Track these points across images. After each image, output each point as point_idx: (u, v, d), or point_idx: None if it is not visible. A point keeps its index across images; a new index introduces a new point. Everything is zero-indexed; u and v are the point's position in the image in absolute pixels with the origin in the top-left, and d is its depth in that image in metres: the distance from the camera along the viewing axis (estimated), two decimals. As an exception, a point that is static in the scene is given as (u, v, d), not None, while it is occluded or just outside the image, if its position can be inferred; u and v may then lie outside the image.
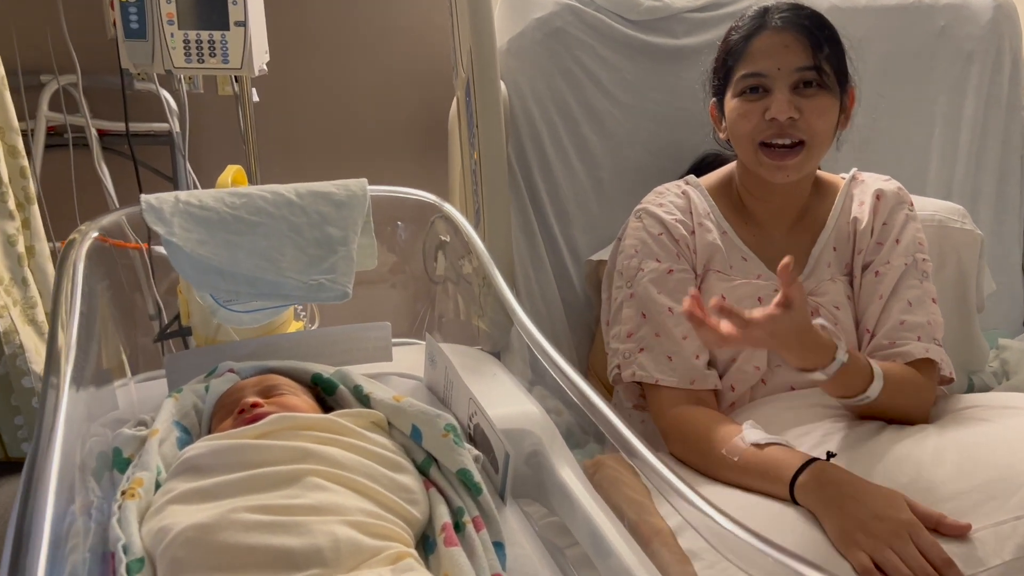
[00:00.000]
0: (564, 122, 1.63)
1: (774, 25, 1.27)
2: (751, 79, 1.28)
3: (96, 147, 2.13)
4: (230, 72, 1.83)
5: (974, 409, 1.26)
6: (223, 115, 2.17)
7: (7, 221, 1.49)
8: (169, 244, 1.05)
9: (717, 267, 1.34)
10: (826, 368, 1.11)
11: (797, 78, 1.25)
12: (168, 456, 0.89)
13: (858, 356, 1.17)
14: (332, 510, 0.78)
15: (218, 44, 1.81)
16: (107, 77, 2.05)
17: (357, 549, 0.75)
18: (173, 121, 2.16)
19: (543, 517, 1.04)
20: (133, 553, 0.75)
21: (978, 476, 1.07)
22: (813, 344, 1.10)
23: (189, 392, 0.98)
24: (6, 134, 1.51)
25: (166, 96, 2.13)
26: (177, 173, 2.22)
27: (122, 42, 1.80)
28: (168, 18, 1.79)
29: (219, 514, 0.75)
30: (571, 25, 1.62)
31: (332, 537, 0.74)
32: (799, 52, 1.25)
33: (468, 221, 1.23)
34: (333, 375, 1.03)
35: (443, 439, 0.93)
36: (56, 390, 0.84)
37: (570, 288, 1.64)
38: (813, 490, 1.03)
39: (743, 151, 1.32)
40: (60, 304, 0.93)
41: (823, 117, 1.26)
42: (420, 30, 2.27)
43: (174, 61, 1.80)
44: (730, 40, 1.33)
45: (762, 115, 1.26)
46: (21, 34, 1.96)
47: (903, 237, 1.32)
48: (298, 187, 1.14)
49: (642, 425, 1.40)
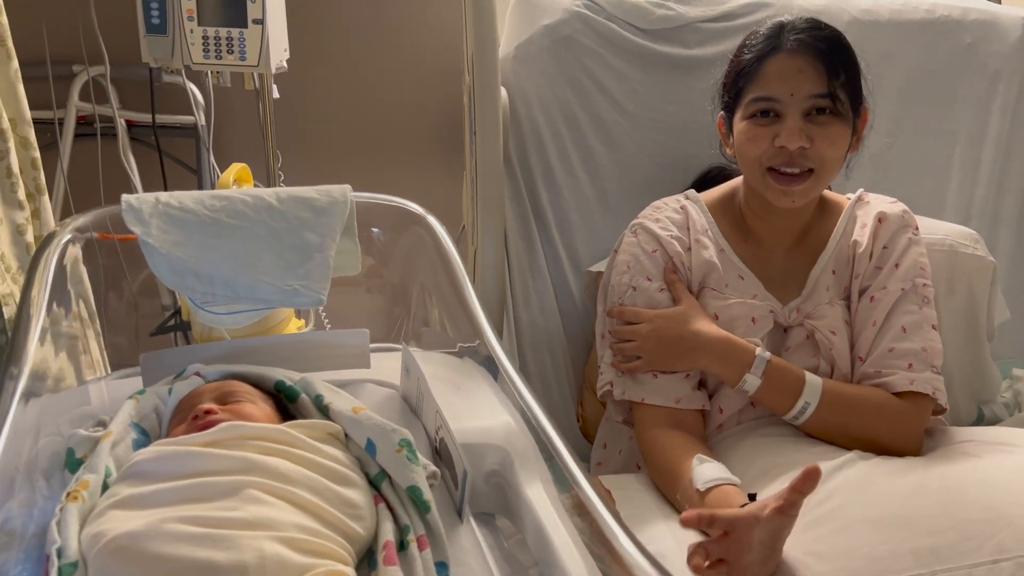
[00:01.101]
0: (570, 131, 1.62)
1: (789, 47, 1.23)
2: (762, 103, 1.24)
3: (123, 137, 2.18)
4: (247, 69, 1.85)
5: (967, 444, 1.23)
6: (249, 109, 2.20)
7: (16, 211, 1.52)
8: (145, 245, 1.06)
9: (712, 285, 1.31)
10: (752, 368, 1.20)
11: (810, 105, 1.22)
12: (121, 458, 0.89)
13: (784, 363, 1.23)
14: (265, 525, 0.77)
15: (236, 41, 1.83)
16: (136, 69, 2.09)
17: (283, 566, 0.74)
18: (199, 114, 2.20)
19: (514, 535, 1.04)
20: (67, 557, 0.76)
21: (958, 515, 1.04)
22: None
23: (151, 394, 0.99)
24: (18, 126, 1.54)
25: (193, 89, 2.17)
26: (201, 165, 2.25)
27: (143, 37, 1.83)
28: (188, 14, 1.81)
29: (150, 523, 0.76)
30: (580, 33, 1.60)
31: (259, 553, 0.74)
32: (813, 78, 1.21)
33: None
34: (297, 383, 1.03)
35: (396, 455, 0.92)
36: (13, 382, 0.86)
37: (569, 299, 1.62)
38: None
39: (750, 173, 1.29)
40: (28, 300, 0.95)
41: (834, 146, 1.23)
42: (445, 29, 2.27)
43: (192, 57, 1.83)
44: (742, 58, 1.29)
45: (771, 141, 1.23)
46: (52, 25, 2.00)
47: (903, 262, 1.28)
48: (280, 191, 1.15)
49: (630, 441, 1.39)
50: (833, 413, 1.21)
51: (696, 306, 1.28)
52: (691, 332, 1.25)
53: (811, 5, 1.70)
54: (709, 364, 1.25)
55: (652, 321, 1.27)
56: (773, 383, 1.22)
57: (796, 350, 1.29)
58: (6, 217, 1.50)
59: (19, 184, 1.53)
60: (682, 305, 1.28)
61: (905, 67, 1.71)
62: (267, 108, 2.04)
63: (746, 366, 1.22)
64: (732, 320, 1.28)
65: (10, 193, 1.51)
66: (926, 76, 1.71)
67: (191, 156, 2.26)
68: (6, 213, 1.50)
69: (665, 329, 1.26)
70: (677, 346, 1.25)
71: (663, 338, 1.26)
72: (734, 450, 1.25)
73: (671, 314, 1.27)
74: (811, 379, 1.21)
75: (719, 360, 1.24)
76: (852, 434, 1.20)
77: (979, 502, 1.06)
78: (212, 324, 1.17)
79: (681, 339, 1.25)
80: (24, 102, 1.55)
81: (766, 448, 1.22)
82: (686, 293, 1.30)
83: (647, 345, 1.27)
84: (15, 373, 0.87)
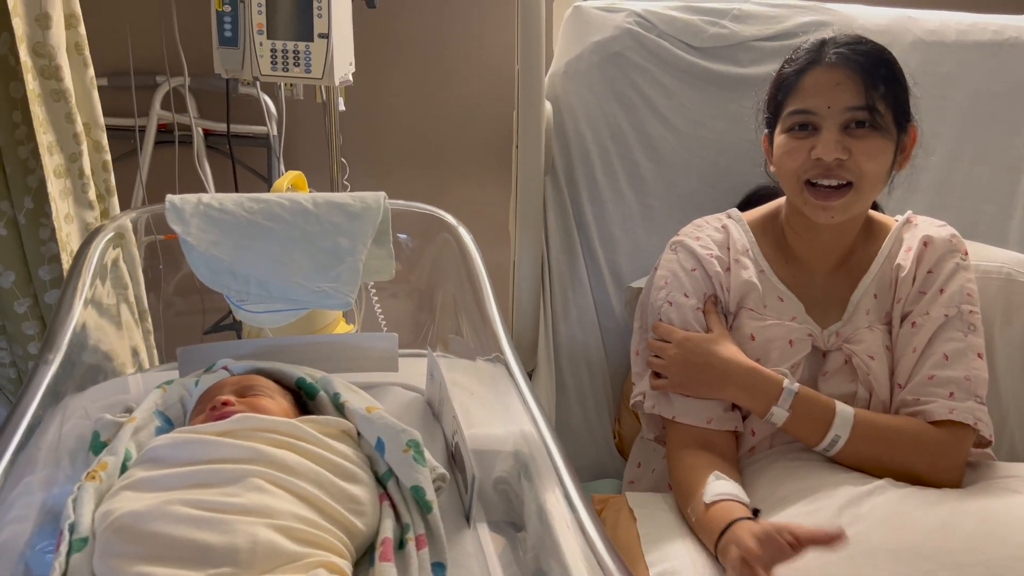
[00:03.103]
0: (616, 146, 1.61)
1: (828, 61, 1.22)
2: (800, 116, 1.23)
3: (199, 145, 2.28)
4: (311, 81, 1.91)
5: (1011, 480, 1.18)
6: (318, 121, 2.27)
7: (87, 211, 1.60)
8: (185, 243, 1.11)
9: (751, 305, 1.29)
10: (779, 401, 1.18)
11: (848, 118, 1.20)
12: (143, 443, 0.94)
13: (814, 394, 1.20)
14: (263, 512, 0.80)
15: (302, 54, 1.89)
16: (213, 80, 2.19)
17: (274, 553, 0.77)
18: (271, 124, 2.28)
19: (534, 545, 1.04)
20: (79, 533, 0.80)
21: (988, 551, 1.01)
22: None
23: (178, 385, 1.04)
24: (92, 130, 1.63)
25: (266, 100, 2.25)
26: (272, 174, 2.33)
27: (216, 49, 1.92)
28: (258, 28, 1.89)
29: (155, 504, 0.79)
30: (630, 50, 1.60)
31: (251, 538, 0.77)
32: (851, 91, 1.19)
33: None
34: (317, 381, 1.06)
35: (403, 454, 0.94)
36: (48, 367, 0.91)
37: (610, 315, 1.62)
38: (731, 555, 1.01)
39: (789, 188, 1.28)
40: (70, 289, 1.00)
41: (874, 159, 1.20)
42: (510, 46, 2.30)
43: (261, 69, 1.90)
44: (783, 73, 1.28)
45: (808, 153, 1.21)
46: (136, 37, 2.11)
47: (949, 287, 1.24)
48: (316, 196, 1.19)
49: (663, 461, 1.37)
50: (866, 445, 1.17)
51: (727, 335, 1.26)
52: (719, 360, 1.23)
53: (872, 25, 1.66)
54: (735, 394, 1.23)
55: (681, 344, 1.26)
56: (801, 415, 1.19)
57: (834, 375, 1.26)
58: (77, 216, 1.58)
59: (90, 185, 1.61)
60: (714, 333, 1.27)
61: (970, 90, 1.65)
62: (333, 119, 2.10)
63: (773, 398, 1.19)
64: (768, 342, 1.26)
65: (81, 193, 1.59)
66: (991, 99, 1.64)
67: (262, 165, 2.34)
68: (77, 212, 1.58)
69: (693, 353, 1.24)
70: (703, 372, 1.23)
71: (690, 362, 1.24)
72: (764, 472, 1.22)
73: (699, 339, 1.25)
74: (842, 411, 1.18)
75: (745, 391, 1.22)
76: (887, 466, 1.16)
77: (1013, 539, 1.02)
78: (250, 322, 1.22)
79: (709, 366, 1.23)
80: (98, 107, 1.63)
81: (795, 472, 1.20)
82: (720, 324, 1.28)
83: (673, 367, 1.26)
84: (50, 359, 0.92)
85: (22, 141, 1.45)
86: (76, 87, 1.55)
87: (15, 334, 1.55)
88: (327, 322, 1.64)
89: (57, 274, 1.50)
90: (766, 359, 1.25)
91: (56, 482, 0.87)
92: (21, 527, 0.78)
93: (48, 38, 1.41)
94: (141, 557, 0.75)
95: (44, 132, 1.45)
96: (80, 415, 0.95)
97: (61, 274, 1.48)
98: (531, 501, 0.94)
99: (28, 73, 1.39)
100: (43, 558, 0.80)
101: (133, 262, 1.39)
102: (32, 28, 1.39)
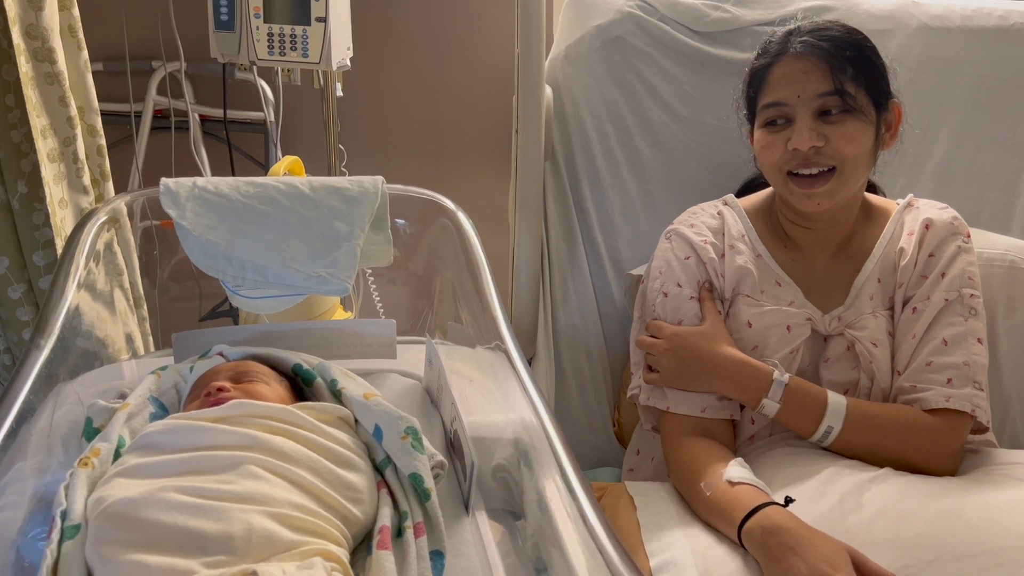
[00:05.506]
0: (617, 132, 1.60)
1: (793, 51, 1.22)
2: (773, 109, 1.23)
3: (196, 131, 2.26)
4: (309, 66, 1.89)
5: (1012, 467, 1.17)
6: (316, 107, 2.25)
7: (81, 195, 1.59)
8: (180, 227, 1.10)
9: (747, 291, 1.28)
10: (769, 393, 1.17)
11: (819, 104, 1.19)
12: (137, 430, 0.92)
13: (806, 385, 1.19)
14: (258, 500, 0.79)
15: (299, 38, 1.87)
16: (210, 65, 2.16)
17: (270, 541, 0.76)
18: (268, 110, 2.25)
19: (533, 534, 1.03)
20: (71, 520, 0.78)
21: (992, 540, 1.00)
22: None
23: (172, 371, 1.02)
24: (86, 114, 1.61)
25: (263, 86, 2.23)
26: (269, 160, 2.32)
27: (212, 33, 1.90)
28: (255, 12, 1.87)
29: (148, 491, 0.78)
30: (631, 34, 1.58)
31: (246, 526, 0.75)
32: (818, 77, 1.19)
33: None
34: (314, 367, 1.05)
35: (401, 441, 0.93)
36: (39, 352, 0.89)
37: (610, 302, 1.61)
38: (757, 538, 1.00)
39: (773, 181, 1.28)
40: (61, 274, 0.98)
41: (853, 142, 1.19)
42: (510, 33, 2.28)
43: (258, 53, 1.88)
44: (753, 67, 1.29)
45: (785, 145, 1.21)
46: (132, 21, 2.08)
47: (950, 271, 1.23)
48: (313, 180, 1.17)
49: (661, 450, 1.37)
50: (860, 435, 1.17)
51: (719, 326, 1.25)
52: (707, 353, 1.22)
53: (877, 10, 1.64)
54: (725, 387, 1.22)
55: (670, 339, 1.25)
56: (792, 407, 1.18)
57: (836, 362, 1.25)
58: (71, 201, 1.57)
59: (84, 170, 1.60)
60: (705, 324, 1.26)
61: (974, 75, 1.63)
62: (330, 105, 2.08)
63: (763, 390, 1.19)
64: (766, 328, 1.25)
65: (76, 178, 1.57)
66: (996, 85, 1.63)
67: (260, 151, 2.32)
68: (71, 197, 1.57)
69: (682, 348, 1.24)
70: (692, 367, 1.23)
71: (679, 357, 1.24)
72: (764, 458, 1.22)
73: (688, 333, 1.25)
74: (834, 401, 1.17)
75: (735, 384, 1.21)
76: (881, 455, 1.15)
77: (1016, 529, 1.01)
78: (245, 308, 1.20)
79: (697, 360, 1.22)
80: (92, 91, 1.61)
81: (796, 459, 1.19)
82: (714, 313, 1.27)
83: (663, 362, 1.25)
84: (41, 344, 0.90)
85: (15, 125, 1.43)
86: (70, 70, 1.53)
87: (9, 320, 1.54)
88: (324, 308, 1.62)
89: (51, 259, 1.49)
90: (764, 346, 1.24)
91: (48, 469, 0.86)
92: (13, 514, 0.77)
93: (41, 20, 1.39)
94: (134, 544, 0.74)
95: (37, 115, 1.43)
96: (73, 401, 0.94)
97: (55, 259, 1.47)
98: (531, 489, 0.92)
99: (21, 56, 1.37)
100: (35, 545, 0.79)
101: (128, 247, 1.37)
102: (24, 10, 1.37)
